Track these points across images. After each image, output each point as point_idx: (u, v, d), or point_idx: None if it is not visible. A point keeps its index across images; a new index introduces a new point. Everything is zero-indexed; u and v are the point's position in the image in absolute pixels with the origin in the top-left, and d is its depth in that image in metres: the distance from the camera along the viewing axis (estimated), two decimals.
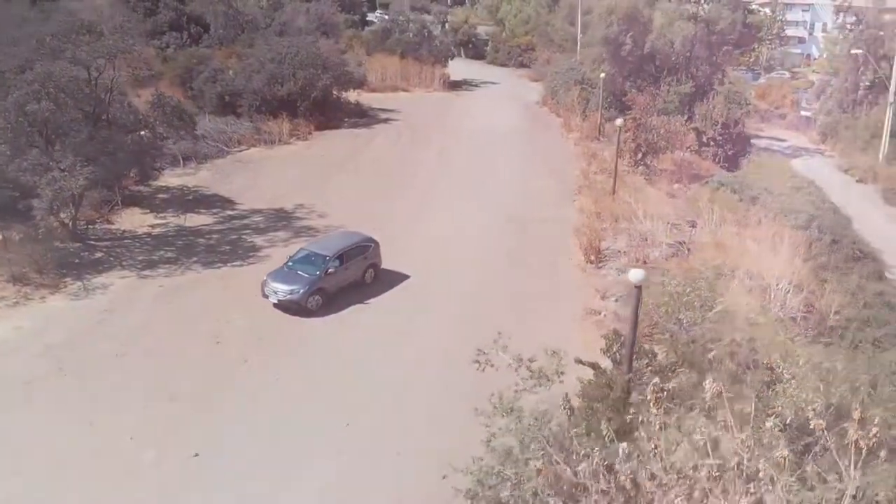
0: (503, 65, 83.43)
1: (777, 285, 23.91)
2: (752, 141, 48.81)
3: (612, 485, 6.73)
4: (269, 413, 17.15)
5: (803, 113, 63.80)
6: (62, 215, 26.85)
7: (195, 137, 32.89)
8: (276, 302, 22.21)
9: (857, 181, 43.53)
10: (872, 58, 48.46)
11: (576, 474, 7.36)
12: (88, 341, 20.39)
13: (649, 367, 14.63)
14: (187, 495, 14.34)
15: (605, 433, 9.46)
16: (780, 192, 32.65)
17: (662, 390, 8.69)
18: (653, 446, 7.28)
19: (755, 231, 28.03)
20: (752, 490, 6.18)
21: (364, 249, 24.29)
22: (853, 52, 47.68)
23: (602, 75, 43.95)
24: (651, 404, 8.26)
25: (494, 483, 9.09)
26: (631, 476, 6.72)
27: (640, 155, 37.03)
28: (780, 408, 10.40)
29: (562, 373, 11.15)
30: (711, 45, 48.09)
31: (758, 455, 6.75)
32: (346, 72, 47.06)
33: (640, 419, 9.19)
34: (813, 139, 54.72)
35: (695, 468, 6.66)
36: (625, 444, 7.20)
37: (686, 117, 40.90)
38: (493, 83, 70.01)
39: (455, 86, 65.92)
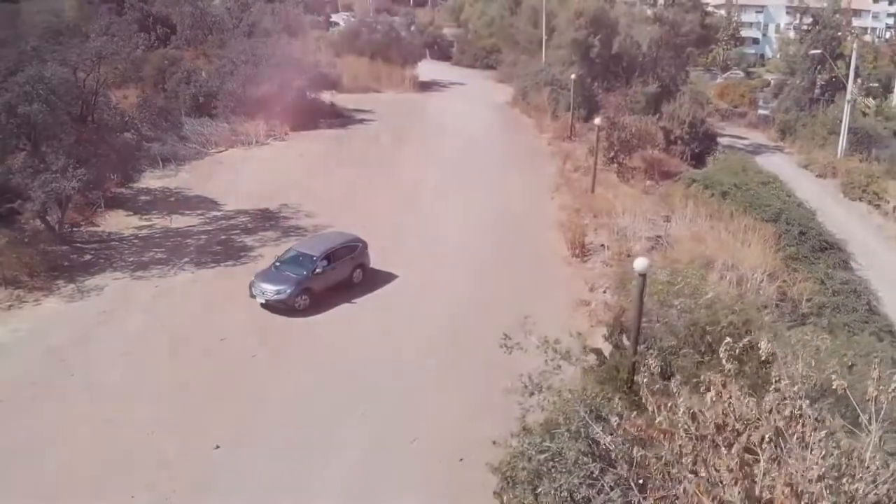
0: (469, 66, 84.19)
1: (752, 275, 25.23)
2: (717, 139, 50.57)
3: (695, 431, 7.47)
4: (284, 404, 17.62)
5: (761, 112, 66.23)
6: (48, 218, 26.79)
7: (181, 138, 32.86)
8: (263, 302, 22.51)
9: (817, 176, 45.57)
10: (830, 58, 50.71)
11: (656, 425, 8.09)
12: (92, 342, 20.53)
13: (650, 351, 15.53)
14: (216, 485, 14.74)
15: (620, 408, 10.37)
16: (748, 188, 34.12)
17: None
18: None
19: (728, 224, 29.37)
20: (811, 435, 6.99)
21: (352, 249, 24.55)
22: (812, 52, 49.83)
23: (573, 77, 45.13)
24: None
25: (535, 455, 9.78)
26: (715, 420, 7.48)
27: (613, 153, 38.20)
28: (780, 381, 11.34)
29: (590, 351, 11.93)
30: (676, 47, 49.74)
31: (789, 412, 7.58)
32: (320, 73, 47.34)
33: (647, 396, 10.05)
34: (772, 137, 56.91)
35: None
36: (711, 393, 7.97)
37: (657, 116, 42.30)
38: (461, 84, 70.74)
39: (425, 87, 66.53)
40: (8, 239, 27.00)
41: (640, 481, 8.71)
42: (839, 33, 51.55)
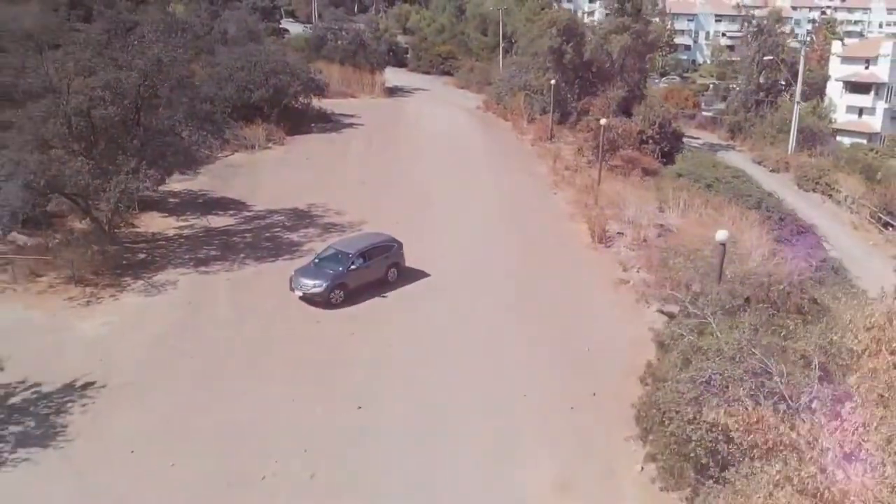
0: (426, 72, 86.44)
1: (753, 253, 28.79)
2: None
3: None
4: (398, 373, 19.74)
5: (705, 113, 71.47)
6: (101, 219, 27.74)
7: (225, 142, 34.15)
8: (300, 295, 23.84)
9: (771, 171, 50.30)
10: (777, 62, 55.85)
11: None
12: (191, 329, 22.03)
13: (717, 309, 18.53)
14: (370, 440, 16.83)
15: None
16: (727, 180, 38.04)
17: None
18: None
19: (721, 211, 33.01)
20: None
21: (387, 249, 25.69)
22: (765, 58, 54.85)
23: (553, 82, 48.41)
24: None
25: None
26: None
27: (607, 151, 41.46)
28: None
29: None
30: (639, 54, 53.80)
31: None
32: (311, 79, 48.96)
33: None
34: (722, 136, 61.84)
35: None
36: None
37: (632, 119, 45.96)
38: (424, 90, 73.11)
39: (391, 92, 68.77)
40: (59, 240, 28.06)
41: None
42: (779, 40, 56.95)
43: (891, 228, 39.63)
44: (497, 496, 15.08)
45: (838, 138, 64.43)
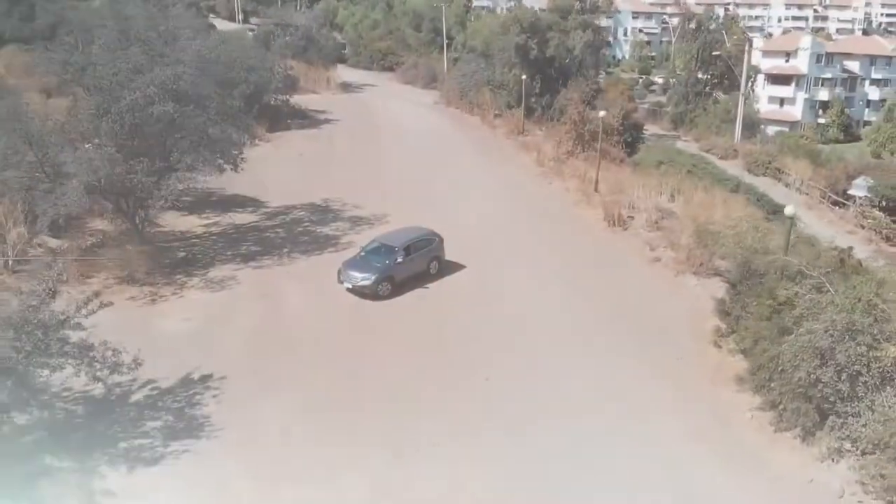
0: (366, 68, 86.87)
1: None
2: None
3: None
4: (519, 348, 21.16)
5: (643, 106, 75.76)
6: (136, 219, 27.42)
7: (252, 138, 34.08)
8: (349, 287, 24.77)
9: (720, 158, 54.38)
10: (709, 57, 60.29)
11: None
12: (280, 319, 22.62)
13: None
14: (501, 404, 18.26)
15: None
16: (703, 167, 41.33)
17: None
18: None
19: (711, 194, 35.98)
20: None
21: (429, 242, 26.59)
22: (713, 53, 59.12)
23: (524, 77, 50.54)
24: None
25: None
26: None
27: (582, 144, 43.96)
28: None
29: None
30: (595, 50, 56.83)
31: None
32: (288, 75, 48.92)
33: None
34: (664, 127, 66.02)
35: None
36: None
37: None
38: (372, 85, 73.77)
39: (344, 88, 69.12)
40: (94, 241, 27.58)
41: None
42: (718, 36, 61.67)
43: (838, 207, 44.13)
44: (637, 446, 16.76)
45: (761, 127, 70.19)
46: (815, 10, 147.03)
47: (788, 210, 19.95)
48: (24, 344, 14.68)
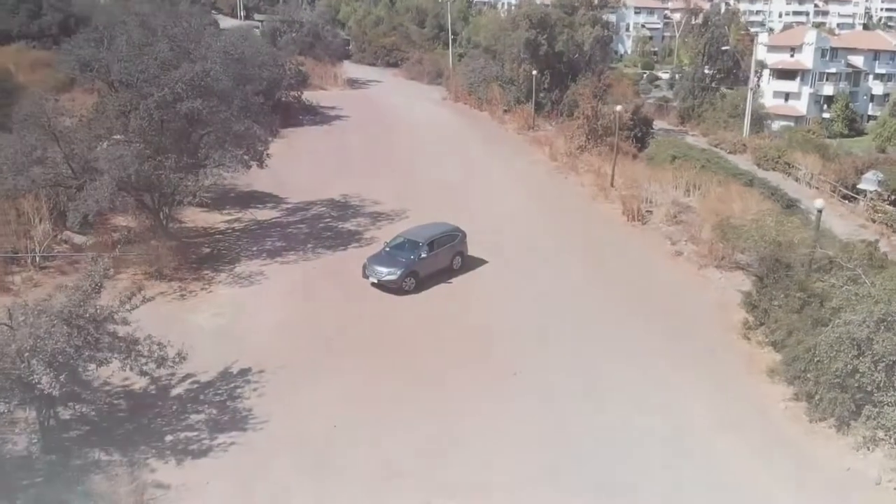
0: (370, 64, 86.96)
1: None
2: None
3: None
4: (549, 342, 21.39)
5: (649, 101, 75.90)
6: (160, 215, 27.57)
7: (274, 134, 34.15)
8: (374, 282, 24.96)
9: (729, 153, 54.47)
10: (716, 52, 60.46)
11: None
12: (311, 313, 22.83)
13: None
14: (529, 397, 18.55)
15: None
16: (715, 161, 41.51)
17: None
18: None
19: (727, 188, 36.18)
20: None
21: (452, 238, 26.73)
22: (723, 48, 59.29)
23: (535, 73, 50.67)
24: None
25: None
26: None
27: (594, 139, 44.14)
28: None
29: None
30: (604, 45, 56.96)
31: None
32: (299, 71, 49.01)
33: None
34: (672, 122, 66.09)
35: None
36: None
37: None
38: (378, 81, 73.83)
39: (351, 83, 69.18)
40: (119, 237, 27.70)
41: None
42: (725, 31, 61.88)
43: (848, 201, 44.32)
44: (675, 435, 17.01)
45: (767, 121, 70.40)
46: (816, 5, 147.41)
47: (818, 203, 20.25)
48: (75, 339, 14.83)
